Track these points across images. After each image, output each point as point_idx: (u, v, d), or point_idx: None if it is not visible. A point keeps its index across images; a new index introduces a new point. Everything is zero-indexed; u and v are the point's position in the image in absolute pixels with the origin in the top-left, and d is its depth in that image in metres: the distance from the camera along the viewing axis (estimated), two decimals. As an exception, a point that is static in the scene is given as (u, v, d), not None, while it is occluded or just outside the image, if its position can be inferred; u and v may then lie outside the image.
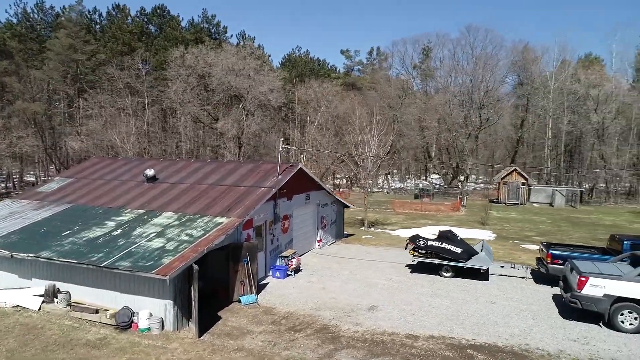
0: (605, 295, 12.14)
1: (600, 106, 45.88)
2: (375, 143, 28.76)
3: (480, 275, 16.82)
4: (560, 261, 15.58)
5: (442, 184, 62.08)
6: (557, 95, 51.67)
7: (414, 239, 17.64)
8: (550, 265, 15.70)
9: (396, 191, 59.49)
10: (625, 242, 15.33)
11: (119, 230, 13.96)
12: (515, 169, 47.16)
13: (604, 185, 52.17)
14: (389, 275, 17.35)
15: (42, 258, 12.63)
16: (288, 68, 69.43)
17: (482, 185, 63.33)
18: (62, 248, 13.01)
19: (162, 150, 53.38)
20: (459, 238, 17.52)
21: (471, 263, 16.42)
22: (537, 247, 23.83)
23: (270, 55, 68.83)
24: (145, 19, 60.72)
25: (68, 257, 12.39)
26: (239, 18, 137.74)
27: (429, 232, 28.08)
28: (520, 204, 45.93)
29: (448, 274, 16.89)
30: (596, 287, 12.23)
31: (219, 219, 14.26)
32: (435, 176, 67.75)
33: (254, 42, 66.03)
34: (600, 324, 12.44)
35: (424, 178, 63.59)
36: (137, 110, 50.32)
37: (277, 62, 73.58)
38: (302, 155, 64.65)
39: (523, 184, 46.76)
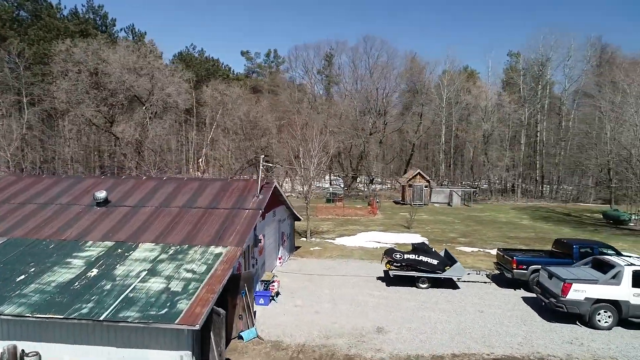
0: (586, 298, 13.67)
1: (487, 115, 51.95)
2: (317, 152, 28.50)
3: (451, 283, 17.76)
4: (524, 266, 17.17)
5: (344, 187, 64.42)
6: (448, 105, 57.04)
7: (390, 252, 17.90)
8: (516, 270, 17.18)
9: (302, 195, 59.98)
10: (574, 246, 17.45)
11: (95, 271, 11.68)
12: (419, 172, 50.87)
13: (486, 185, 59.00)
14: (369, 290, 17.33)
15: (4, 315, 10.00)
16: (182, 67, 65.52)
17: (383, 187, 67.10)
18: (28, 299, 10.45)
19: (43, 158, 46.42)
20: (433, 250, 18.23)
21: (448, 274, 17.20)
22: (471, 249, 26.21)
23: (162, 53, 64.11)
24: (16, 3, 52.02)
25: (44, 311, 10.00)
26: (127, 12, 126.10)
27: (370, 239, 28.94)
28: (424, 204, 49.71)
29: (424, 285, 17.46)
30: (578, 292, 13.71)
31: (214, 249, 12.79)
32: (338, 179, 70.02)
33: (144, 37, 61.08)
34: (578, 323, 14.00)
35: (330, 182, 65.03)
36: (13, 111, 42.95)
37: (168, 60, 68.94)
38: (201, 159, 61.68)
39: (426, 186, 50.67)
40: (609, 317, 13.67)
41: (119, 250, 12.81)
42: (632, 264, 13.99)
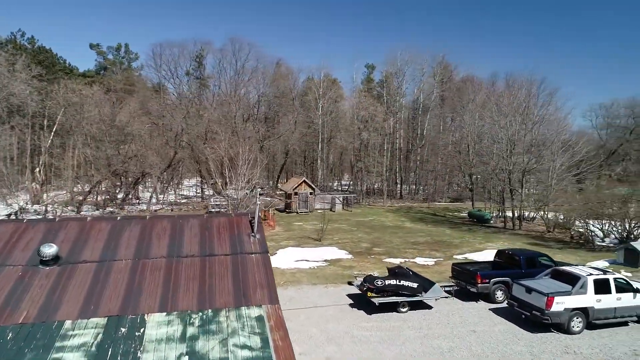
0: (565, 309, 15.38)
1: (366, 125, 55.23)
2: (246, 169, 26.20)
3: (423, 304, 18.17)
4: (487, 280, 18.54)
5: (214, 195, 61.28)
6: (323, 113, 58.85)
7: (370, 280, 17.43)
8: (481, 284, 18.43)
9: (177, 205, 55.06)
10: (521, 256, 19.53)
11: (112, 367, 8.50)
12: (304, 180, 51.23)
13: (360, 190, 62.66)
14: (356, 322, 16.57)
15: None
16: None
17: (262, 195, 65.72)
18: None
19: None
20: (410, 272, 18.33)
21: (428, 295, 17.52)
22: (399, 261, 27.27)
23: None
24: None
25: None
26: None
27: (296, 257, 27.80)
28: (309, 212, 50.33)
29: (405, 309, 17.47)
30: (559, 304, 15.34)
31: (249, 312, 10.53)
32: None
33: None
34: (553, 330, 15.72)
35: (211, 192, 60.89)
36: None
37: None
38: (38, 169, 52.38)
39: (311, 193, 51.34)
40: (580, 322, 15.64)
41: (123, 330, 9.57)
42: (591, 274, 16.24)
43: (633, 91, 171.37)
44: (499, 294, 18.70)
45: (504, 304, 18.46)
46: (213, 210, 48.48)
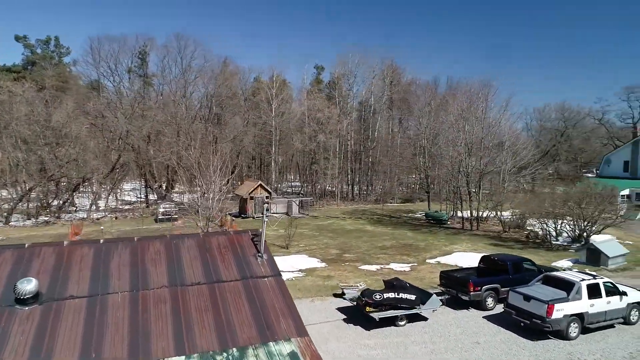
0: (564, 315, 15.54)
1: (321, 127, 54.48)
2: (217, 176, 24.41)
3: (419, 315, 17.70)
4: (479, 288, 18.45)
5: (159, 201, 57.91)
6: (277, 114, 57.44)
7: (369, 294, 16.66)
8: (473, 292, 18.31)
9: (121, 212, 51.14)
10: (508, 262, 19.68)
11: None
12: (260, 184, 49.58)
13: (314, 192, 61.89)
14: (357, 339, 15.76)
15: None
16: None
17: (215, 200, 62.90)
18: None
19: None
20: (407, 284, 17.75)
21: (426, 307, 17.05)
22: (375, 268, 26.77)
23: None
24: None
25: None
26: None
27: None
28: (266, 216, 48.77)
29: (403, 323, 16.92)
30: (559, 311, 15.47)
31: (278, 348, 9.37)
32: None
33: None
34: (550, 336, 15.86)
35: (160, 196, 57.18)
36: None
37: None
38: None
39: (267, 197, 49.79)
40: (576, 328, 15.90)
41: (140, 383, 8.08)
42: (583, 279, 16.59)
43: (565, 95, 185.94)
44: (490, 301, 18.71)
45: (495, 311, 18.51)
46: (163, 218, 45.60)
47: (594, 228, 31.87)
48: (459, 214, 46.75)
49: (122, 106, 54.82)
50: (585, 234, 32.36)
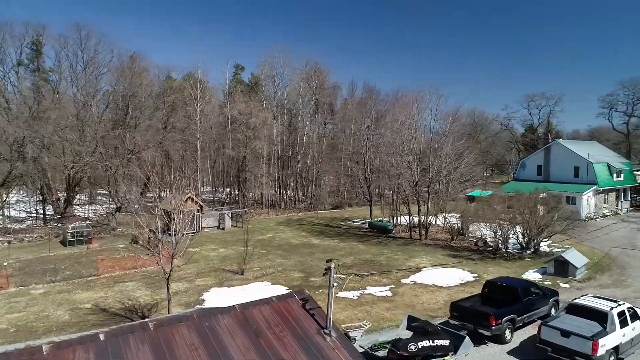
0: (606, 350, 14.60)
1: (254, 132, 50.40)
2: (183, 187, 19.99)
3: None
4: (499, 321, 16.99)
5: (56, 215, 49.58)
6: (204, 117, 52.23)
7: (403, 346, 14.17)
8: (495, 327, 16.79)
9: (15, 234, 42.24)
10: (519, 289, 18.53)
11: None
12: (190, 196, 44.30)
13: (244, 202, 57.64)
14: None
15: None
16: None
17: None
18: None
19: None
20: (438, 328, 15.54)
21: (460, 352, 15.06)
22: (352, 295, 24.27)
23: None
24: None
25: None
26: None
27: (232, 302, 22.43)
28: (197, 232, 43.82)
29: (436, 373, 14.74)
30: (602, 347, 14.48)
31: None
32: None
33: None
34: (589, 371, 14.89)
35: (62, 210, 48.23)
36: None
37: None
38: None
39: (197, 210, 44.77)
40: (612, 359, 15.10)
41: None
42: (612, 307, 15.87)
43: (475, 102, 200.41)
44: (507, 333, 17.37)
45: (513, 344, 17.25)
46: (73, 239, 38.41)
47: (543, 235, 32.96)
48: (400, 220, 46.53)
49: (9, 105, 45.51)
50: (535, 240, 33.36)
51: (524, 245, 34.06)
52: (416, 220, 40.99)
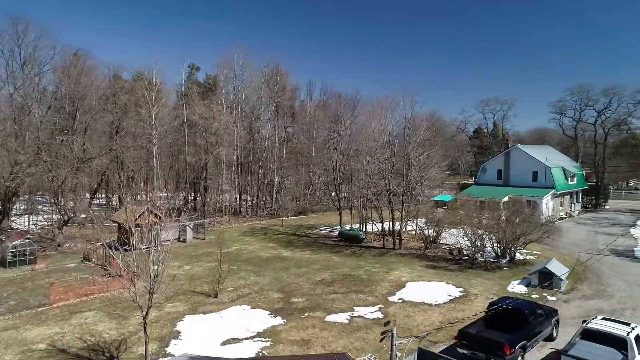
0: (631, 380, 13.96)
1: (216, 137, 47.40)
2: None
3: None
4: (513, 350, 16.04)
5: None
6: (159, 121, 48.64)
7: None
8: (509, 356, 15.82)
9: None
10: (526, 311, 17.71)
11: None
12: (148, 208, 40.86)
13: (204, 211, 54.47)
14: None
15: None
16: None
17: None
18: None
19: None
20: None
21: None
22: (343, 319, 22.63)
23: None
24: None
25: None
26: None
27: (208, 332, 20.09)
28: (156, 246, 40.55)
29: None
30: (633, 379, 13.82)
31: None
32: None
33: None
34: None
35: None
36: None
37: None
38: None
39: (157, 223, 41.39)
40: (634, 387, 14.52)
41: None
42: (628, 332, 15.32)
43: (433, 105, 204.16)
44: (519, 360, 16.49)
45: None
46: (15, 260, 34.12)
47: (519, 242, 33.00)
48: (370, 227, 45.59)
49: None
50: (511, 249, 33.35)
51: (499, 253, 33.99)
52: (388, 227, 40.20)
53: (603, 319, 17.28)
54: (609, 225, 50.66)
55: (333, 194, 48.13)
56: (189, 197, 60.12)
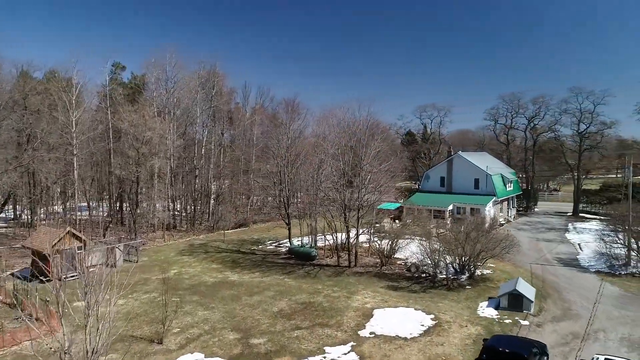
0: None
1: (152, 147, 42.21)
2: None
3: None
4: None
5: None
6: (78, 128, 42.55)
7: None
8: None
9: None
10: (524, 354, 16.19)
11: None
12: (69, 231, 35.40)
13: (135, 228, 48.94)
14: None
15: None
16: None
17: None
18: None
19: None
20: None
21: None
22: None
23: None
24: None
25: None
26: None
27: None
28: (78, 274, 35.16)
29: None
30: None
31: None
32: None
33: None
34: None
35: None
36: None
37: None
38: None
39: (80, 247, 36.00)
40: None
41: None
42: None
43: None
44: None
45: None
46: None
47: (479, 259, 32.33)
48: (320, 240, 43.37)
49: None
50: (471, 266, 32.61)
51: (458, 269, 33.16)
52: (340, 240, 38.23)
53: (606, 359, 16.31)
54: (545, 231, 52.60)
55: (280, 207, 45.10)
56: (116, 211, 54.11)
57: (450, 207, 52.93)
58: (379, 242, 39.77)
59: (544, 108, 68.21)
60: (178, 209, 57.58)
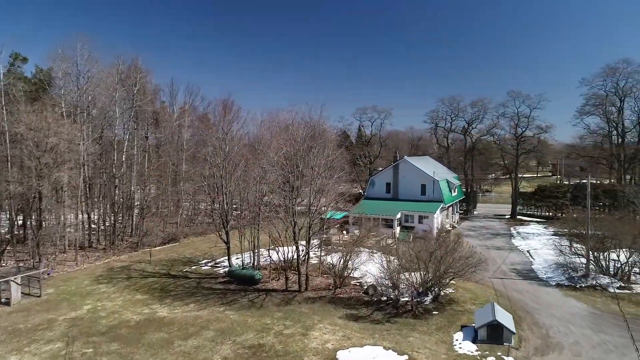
0: None
1: (58, 156, 34.65)
2: None
3: None
4: None
5: None
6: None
7: None
8: None
9: None
10: None
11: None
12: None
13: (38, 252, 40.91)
14: None
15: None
16: None
17: None
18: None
19: None
20: None
21: None
22: None
23: None
24: None
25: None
26: None
27: None
28: (-41, 319, 27.67)
29: None
30: None
31: None
32: None
33: None
34: None
35: None
36: None
37: None
38: None
39: (-41, 285, 28.31)
40: None
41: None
42: None
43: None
44: None
45: None
46: None
47: (444, 279, 29.49)
48: (262, 256, 38.81)
49: None
50: (435, 288, 29.67)
51: (422, 291, 30.09)
52: (284, 256, 33.90)
53: None
54: (491, 237, 51.82)
55: (215, 220, 39.78)
56: (18, 227, 45.49)
57: (399, 215, 50.44)
58: (330, 259, 35.95)
59: (482, 111, 68.48)
60: (95, 223, 49.79)
